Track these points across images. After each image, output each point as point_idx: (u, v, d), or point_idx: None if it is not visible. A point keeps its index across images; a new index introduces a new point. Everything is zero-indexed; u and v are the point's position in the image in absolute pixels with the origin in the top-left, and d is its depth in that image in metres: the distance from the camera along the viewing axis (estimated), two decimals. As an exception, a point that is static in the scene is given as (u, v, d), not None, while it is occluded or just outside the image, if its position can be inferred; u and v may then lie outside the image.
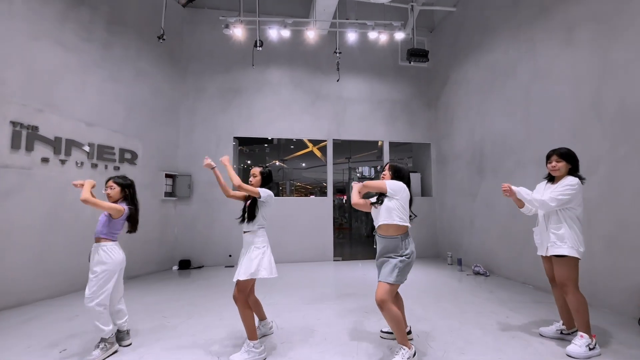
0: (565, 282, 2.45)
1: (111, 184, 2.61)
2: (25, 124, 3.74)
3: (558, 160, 2.58)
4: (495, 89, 5.27)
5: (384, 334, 2.74)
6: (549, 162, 2.64)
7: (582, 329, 2.42)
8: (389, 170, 2.51)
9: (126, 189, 2.64)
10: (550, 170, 2.62)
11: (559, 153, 2.61)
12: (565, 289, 2.46)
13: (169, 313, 3.43)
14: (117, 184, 2.61)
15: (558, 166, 2.57)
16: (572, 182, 2.49)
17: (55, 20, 4.15)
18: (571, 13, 3.94)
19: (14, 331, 2.92)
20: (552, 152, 2.66)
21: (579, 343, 2.36)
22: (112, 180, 2.62)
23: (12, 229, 3.59)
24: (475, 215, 5.70)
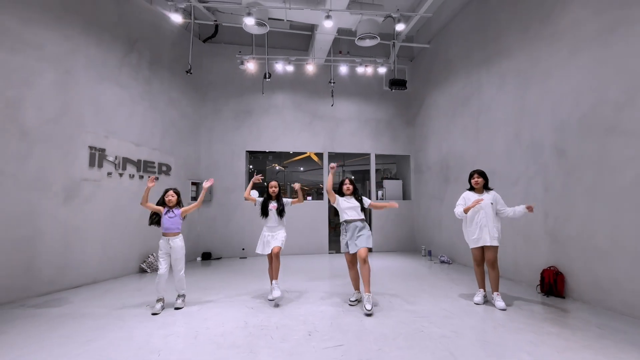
0: (495, 261, 3.74)
1: (172, 193, 3.77)
2: (97, 147, 5.01)
3: (479, 177, 3.89)
4: (456, 115, 6.62)
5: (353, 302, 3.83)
6: (472, 179, 3.92)
7: (498, 290, 3.76)
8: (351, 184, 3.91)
9: (179, 196, 3.87)
10: (475, 184, 3.89)
11: (479, 172, 3.93)
12: (495, 265, 3.73)
13: (207, 285, 4.71)
14: (176, 193, 3.82)
15: (479, 181, 3.88)
16: (499, 196, 3.85)
17: (115, 66, 5.42)
18: (502, 65, 5.31)
19: (103, 296, 4.19)
20: (473, 171, 3.95)
21: (500, 299, 3.65)
22: (172, 191, 3.80)
23: (88, 225, 4.86)
24: (442, 215, 7.05)
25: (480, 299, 3.81)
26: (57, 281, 4.42)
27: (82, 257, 4.75)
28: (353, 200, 3.81)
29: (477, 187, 3.89)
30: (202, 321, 3.28)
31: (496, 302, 3.66)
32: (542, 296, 4.14)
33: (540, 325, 3.11)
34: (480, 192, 3.90)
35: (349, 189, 3.86)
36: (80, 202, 4.76)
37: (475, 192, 3.92)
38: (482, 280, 3.92)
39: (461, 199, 3.97)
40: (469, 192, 3.96)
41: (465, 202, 3.91)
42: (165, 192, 3.77)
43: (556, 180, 4.30)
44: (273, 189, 4.13)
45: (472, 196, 3.89)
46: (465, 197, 3.95)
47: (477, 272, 3.94)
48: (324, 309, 3.63)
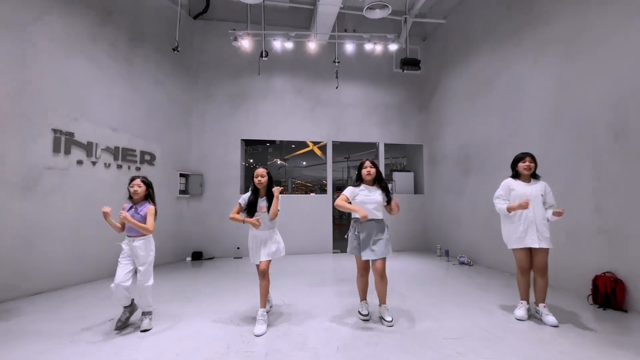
0: (546, 268, 2.97)
1: (139, 183, 2.90)
2: (64, 131, 4.30)
3: (531, 162, 3.06)
4: (477, 97, 5.82)
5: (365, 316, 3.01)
6: (522, 162, 3.07)
7: (544, 301, 3.00)
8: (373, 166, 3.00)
9: (150, 188, 2.98)
10: (525, 169, 3.05)
11: (531, 155, 3.10)
12: (544, 273, 2.97)
13: (191, 294, 4.00)
14: (144, 183, 2.94)
15: (532, 166, 3.05)
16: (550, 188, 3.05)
17: (87, 38, 4.69)
18: (539, 35, 4.49)
19: (64, 307, 3.50)
20: (524, 154, 3.11)
21: (549, 312, 2.90)
22: (139, 179, 2.91)
23: (52, 221, 4.16)
24: (461, 211, 6.27)
25: (523, 314, 3.03)
26: (14, 287, 3.73)
27: (45, 259, 4.06)
28: (376, 192, 2.95)
29: (526, 174, 3.09)
30: (173, 343, 2.57)
31: (545, 317, 2.91)
32: (597, 309, 3.36)
33: (612, 353, 2.35)
34: (528, 180, 3.12)
35: (370, 173, 2.95)
36: (42, 194, 4.06)
37: (521, 179, 3.13)
38: (526, 291, 3.14)
39: (502, 188, 3.19)
40: (512, 181, 3.17)
41: (507, 192, 3.14)
42: (130, 181, 2.95)
43: (612, 167, 3.51)
44: (259, 179, 2.93)
45: (517, 186, 3.11)
46: (510, 185, 3.14)
47: (520, 280, 3.15)
48: (328, 327, 2.90)
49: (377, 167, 3.01)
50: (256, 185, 2.96)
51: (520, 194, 3.05)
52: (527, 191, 3.04)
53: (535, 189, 3.04)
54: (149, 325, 2.85)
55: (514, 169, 3.19)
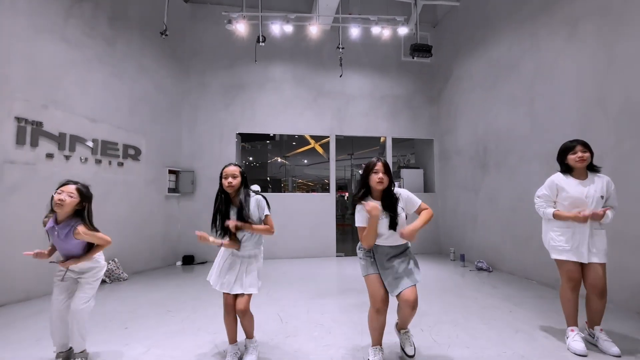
0: (605, 286, 2.35)
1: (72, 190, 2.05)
2: (29, 120, 3.75)
3: (584, 151, 2.37)
4: (498, 85, 5.24)
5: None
6: (572, 153, 2.41)
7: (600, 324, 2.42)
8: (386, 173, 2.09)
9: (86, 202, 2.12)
10: (578, 161, 2.37)
11: (583, 143, 2.41)
12: (603, 293, 2.34)
13: (174, 307, 3.45)
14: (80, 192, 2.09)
15: (586, 157, 2.37)
16: (614, 185, 2.40)
17: (58, 15, 4.14)
18: (575, 6, 3.91)
19: (22, 325, 2.96)
20: (574, 142, 2.44)
21: (608, 338, 2.34)
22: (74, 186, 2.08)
23: (17, 223, 3.61)
24: (478, 210, 5.69)
25: (583, 348, 2.29)
26: (-35, 300, 3.20)
27: (7, 266, 3.51)
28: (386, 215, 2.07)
29: (580, 168, 2.41)
30: (137, 381, 2.02)
31: (603, 343, 2.33)
32: (656, 329, 2.79)
33: None
34: (583, 175, 2.44)
35: (383, 181, 2.05)
36: (3, 191, 3.51)
37: (574, 175, 2.45)
38: (576, 313, 2.45)
39: (547, 187, 2.52)
40: (562, 177, 2.48)
41: (556, 193, 2.48)
42: (60, 185, 2.10)
43: (674, 158, 2.93)
44: (230, 179, 2.14)
45: (569, 185, 2.41)
46: (559, 185, 2.46)
47: (569, 298, 2.42)
48: (334, 356, 2.33)
49: (391, 172, 2.13)
50: (224, 189, 2.17)
51: (574, 196, 2.39)
52: (581, 192, 2.37)
53: (593, 189, 2.37)
54: None
55: (562, 163, 2.52)
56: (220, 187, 2.19)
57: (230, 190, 2.16)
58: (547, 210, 2.49)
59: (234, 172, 2.15)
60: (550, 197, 2.52)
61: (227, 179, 2.14)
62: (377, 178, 2.05)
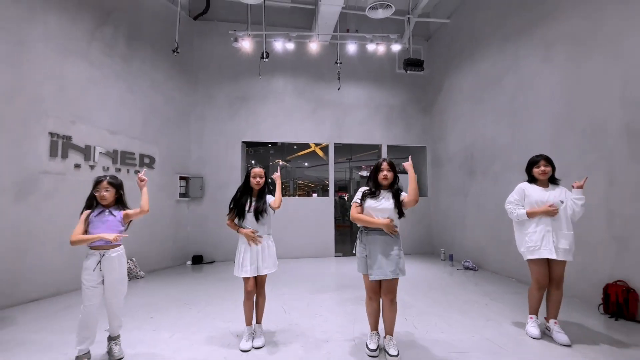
0: (562, 280, 2.78)
1: (106, 185, 2.41)
2: (60, 134, 4.21)
3: (547, 165, 2.81)
4: (484, 97, 5.68)
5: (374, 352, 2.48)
6: (537, 167, 2.84)
7: (556, 317, 2.81)
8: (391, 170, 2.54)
9: (120, 189, 2.50)
10: (541, 174, 2.81)
11: (546, 158, 2.84)
12: (560, 285, 2.78)
13: (190, 301, 3.90)
14: (112, 185, 2.45)
15: (547, 170, 2.81)
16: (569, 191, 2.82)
17: (83, 39, 4.60)
18: (550, 31, 4.35)
19: (59, 316, 3.41)
20: (538, 157, 2.85)
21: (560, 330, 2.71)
22: (105, 182, 2.42)
23: (49, 226, 4.07)
24: (466, 214, 6.13)
25: (538, 332, 2.77)
26: (7, 294, 3.65)
27: (40, 265, 3.97)
28: (389, 198, 2.48)
29: (543, 179, 2.85)
30: (171, 353, 2.46)
31: (556, 335, 2.72)
32: (608, 319, 3.23)
33: (631, 371, 2.22)
34: (545, 185, 2.87)
35: (387, 178, 2.50)
36: (38, 199, 3.97)
37: (538, 185, 2.89)
38: (538, 306, 2.87)
39: (517, 192, 2.93)
40: (528, 185, 2.92)
41: (522, 198, 2.89)
42: (95, 183, 2.43)
43: (626, 170, 3.37)
44: (257, 179, 2.72)
45: (534, 191, 2.84)
46: (526, 190, 2.87)
47: (535, 295, 2.84)
48: (330, 338, 2.78)
49: (395, 168, 2.55)
50: (252, 186, 2.72)
51: (537, 201, 2.80)
52: (543, 198, 2.80)
53: (554, 195, 2.80)
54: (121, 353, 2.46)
55: (529, 174, 2.95)
56: (246, 183, 2.76)
57: (258, 187, 2.73)
58: (520, 211, 2.86)
59: (260, 173, 2.74)
60: (519, 201, 2.92)
61: (255, 178, 2.72)
62: (382, 175, 2.52)
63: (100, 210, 2.43)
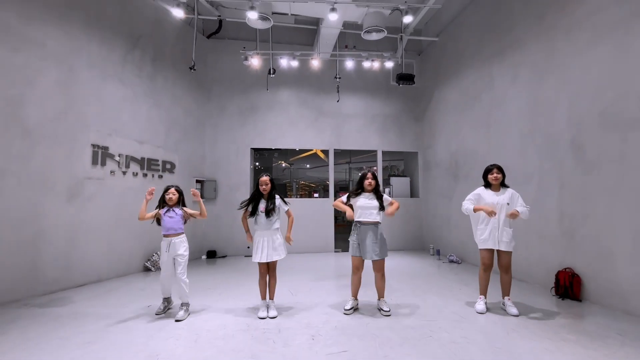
0: (509, 266, 3.49)
1: (174, 191, 3.53)
2: (100, 145, 4.97)
3: (498, 173, 3.54)
4: (466, 110, 6.41)
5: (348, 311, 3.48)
6: (490, 174, 3.55)
7: (509, 295, 3.53)
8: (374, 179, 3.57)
9: (181, 195, 3.65)
10: (493, 180, 3.52)
11: (498, 167, 3.59)
12: (508, 270, 3.49)
13: (211, 286, 4.65)
14: (178, 191, 3.57)
15: (499, 177, 3.53)
16: (517, 194, 3.51)
17: (118, 63, 5.36)
18: (516, 56, 5.07)
19: (107, 296, 4.17)
20: (492, 166, 3.59)
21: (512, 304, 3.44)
22: (174, 188, 3.55)
23: (91, 224, 4.83)
24: (451, 214, 6.86)
25: (483, 307, 3.49)
26: (62, 280, 4.41)
27: (86, 256, 4.74)
28: (374, 199, 3.51)
29: (495, 184, 3.59)
30: (203, 323, 3.21)
31: (508, 308, 3.45)
32: (557, 299, 3.96)
33: (556, 332, 2.95)
34: (497, 189, 3.60)
35: (371, 184, 3.53)
36: (83, 200, 4.73)
37: (492, 189, 3.61)
38: (485, 287, 3.59)
39: (473, 194, 3.68)
40: (484, 189, 3.65)
41: (477, 199, 3.64)
42: (165, 189, 3.55)
43: (573, 177, 4.09)
44: (264, 187, 3.49)
45: (487, 195, 3.58)
46: (481, 194, 3.61)
47: (482, 276, 3.58)
48: (328, 312, 3.52)
49: (377, 178, 3.59)
50: (261, 192, 3.51)
51: (488, 203, 3.53)
52: (494, 200, 3.52)
53: (502, 198, 3.51)
54: (185, 315, 3.33)
55: (485, 179, 3.68)
56: (257, 189, 3.52)
57: (265, 192, 3.50)
58: (469, 206, 3.60)
59: (266, 181, 3.49)
60: (474, 201, 3.67)
61: (262, 186, 3.49)
62: (367, 182, 3.55)
63: (167, 209, 3.45)
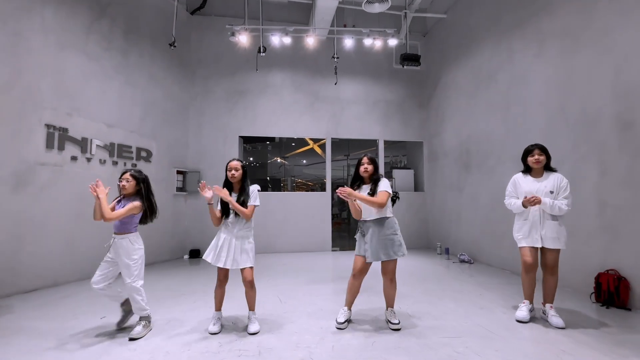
0: (556, 266, 2.85)
1: (127, 176, 2.65)
2: (57, 127, 4.23)
3: (540, 154, 2.85)
4: (479, 92, 5.72)
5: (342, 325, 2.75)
6: (531, 156, 2.89)
7: (552, 302, 2.87)
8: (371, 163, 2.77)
9: (141, 183, 2.68)
10: (535, 163, 2.86)
11: (540, 147, 2.88)
12: (554, 271, 2.84)
13: (186, 291, 3.93)
14: (133, 177, 2.66)
15: (541, 159, 2.85)
16: (566, 182, 2.81)
17: (81, 32, 4.62)
18: (543, 26, 4.39)
19: (57, 305, 3.44)
20: (533, 146, 2.91)
21: (556, 313, 2.78)
22: (128, 174, 2.66)
23: (46, 218, 4.09)
24: (461, 208, 6.18)
25: (525, 315, 2.86)
26: (4, 284, 3.67)
27: (38, 256, 3.99)
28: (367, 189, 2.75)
29: (537, 168, 2.90)
30: (163, 342, 2.50)
31: (551, 318, 2.79)
32: (600, 307, 3.28)
33: (619, 353, 2.27)
34: (540, 174, 2.92)
35: (367, 170, 2.75)
36: (35, 190, 3.99)
37: (532, 174, 2.94)
38: (530, 290, 2.94)
39: (511, 184, 3.02)
40: (521, 176, 2.99)
41: (516, 189, 2.97)
42: (121, 174, 2.72)
43: (618, 161, 3.41)
44: (232, 172, 2.65)
45: (525, 182, 2.92)
46: (517, 181, 2.98)
47: (524, 279, 2.94)
48: (324, 326, 2.82)
49: (375, 162, 2.79)
50: (229, 180, 2.67)
51: (527, 191, 2.87)
52: (533, 188, 2.86)
53: (544, 185, 2.84)
54: (139, 334, 2.54)
55: (524, 164, 3.00)
56: (226, 178, 2.68)
57: (233, 180, 2.66)
58: (517, 201, 2.91)
59: (236, 166, 2.66)
60: (513, 192, 3.01)
61: (230, 172, 2.65)
62: (362, 168, 2.78)
63: (119, 200, 2.67)
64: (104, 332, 2.70)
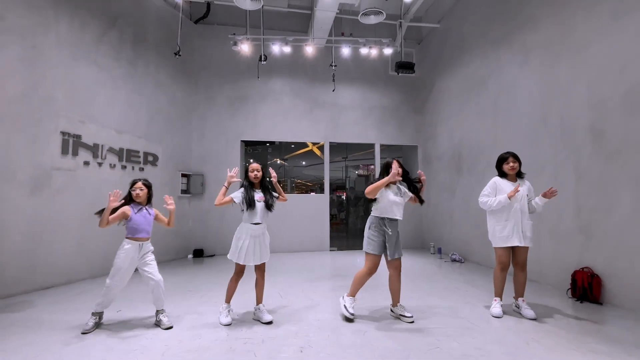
0: (525, 264, 3.15)
1: (141, 185, 2.98)
2: (71, 133, 4.51)
3: (514, 162, 3.16)
4: (470, 99, 6.01)
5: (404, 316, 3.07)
6: (506, 163, 3.17)
7: (523, 295, 3.17)
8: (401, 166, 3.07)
9: (150, 190, 3.08)
10: (510, 169, 3.15)
11: (514, 155, 3.18)
12: (524, 268, 3.15)
13: (193, 288, 4.21)
14: (145, 185, 3.02)
15: (516, 166, 3.15)
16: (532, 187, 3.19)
17: (92, 44, 4.89)
18: (527, 39, 4.68)
19: (74, 300, 3.71)
20: (507, 154, 3.19)
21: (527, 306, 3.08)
22: (140, 182, 2.98)
23: (61, 220, 4.37)
24: (453, 209, 6.47)
25: (499, 311, 3.11)
26: (24, 281, 3.94)
27: (53, 255, 4.27)
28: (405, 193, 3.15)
29: (512, 174, 3.20)
30: (176, 332, 2.77)
31: (523, 310, 3.09)
32: (575, 302, 3.57)
33: (582, 341, 2.55)
34: (514, 180, 3.21)
35: (400, 173, 3.01)
36: (51, 193, 4.27)
37: (508, 179, 3.23)
38: (502, 288, 3.21)
39: (489, 186, 3.26)
40: (500, 179, 3.26)
41: (495, 191, 3.23)
42: (132, 184, 2.98)
43: (592, 167, 3.70)
44: (255, 173, 3.01)
45: (506, 185, 3.18)
46: (498, 184, 3.21)
47: (498, 277, 3.20)
48: (321, 318, 3.10)
49: (404, 167, 3.11)
50: (252, 180, 3.02)
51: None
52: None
53: (521, 189, 3.13)
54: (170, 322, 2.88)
55: (499, 170, 3.29)
56: (246, 178, 3.04)
57: (256, 180, 3.03)
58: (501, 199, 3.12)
59: (258, 168, 3.05)
60: (492, 193, 3.26)
61: (253, 172, 3.01)
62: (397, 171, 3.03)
63: (139, 208, 2.95)
64: (120, 323, 2.97)
